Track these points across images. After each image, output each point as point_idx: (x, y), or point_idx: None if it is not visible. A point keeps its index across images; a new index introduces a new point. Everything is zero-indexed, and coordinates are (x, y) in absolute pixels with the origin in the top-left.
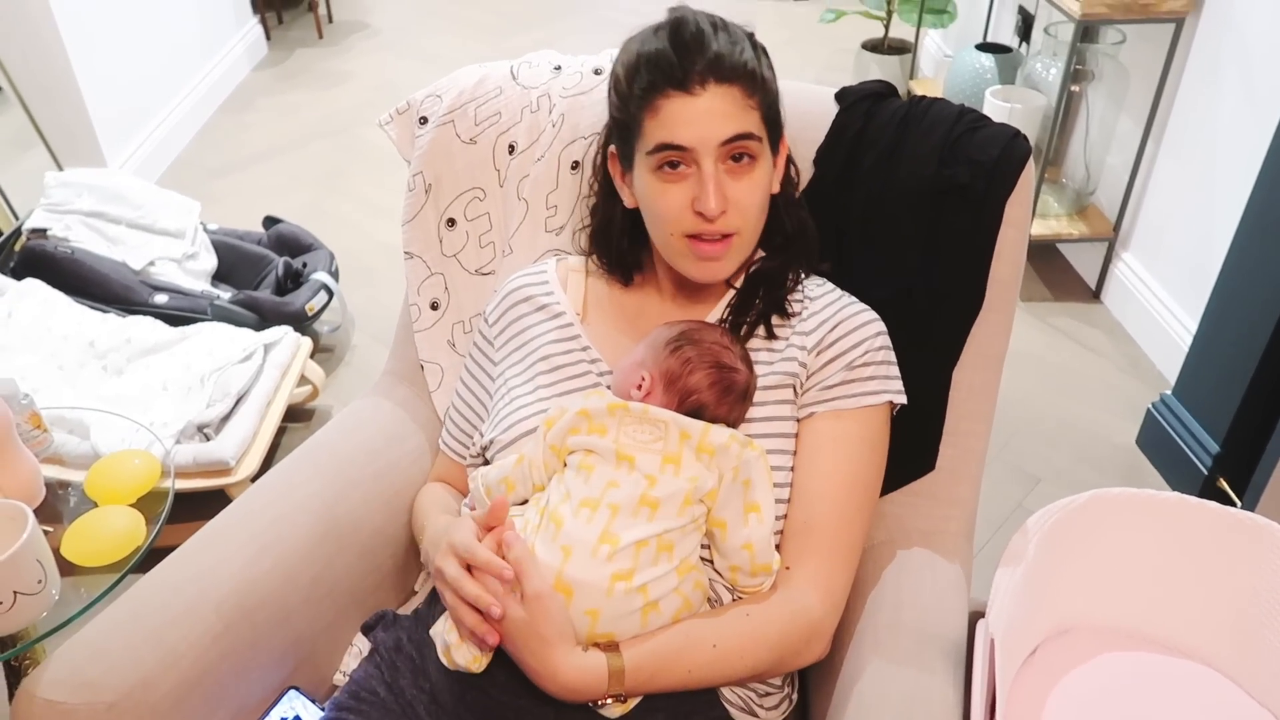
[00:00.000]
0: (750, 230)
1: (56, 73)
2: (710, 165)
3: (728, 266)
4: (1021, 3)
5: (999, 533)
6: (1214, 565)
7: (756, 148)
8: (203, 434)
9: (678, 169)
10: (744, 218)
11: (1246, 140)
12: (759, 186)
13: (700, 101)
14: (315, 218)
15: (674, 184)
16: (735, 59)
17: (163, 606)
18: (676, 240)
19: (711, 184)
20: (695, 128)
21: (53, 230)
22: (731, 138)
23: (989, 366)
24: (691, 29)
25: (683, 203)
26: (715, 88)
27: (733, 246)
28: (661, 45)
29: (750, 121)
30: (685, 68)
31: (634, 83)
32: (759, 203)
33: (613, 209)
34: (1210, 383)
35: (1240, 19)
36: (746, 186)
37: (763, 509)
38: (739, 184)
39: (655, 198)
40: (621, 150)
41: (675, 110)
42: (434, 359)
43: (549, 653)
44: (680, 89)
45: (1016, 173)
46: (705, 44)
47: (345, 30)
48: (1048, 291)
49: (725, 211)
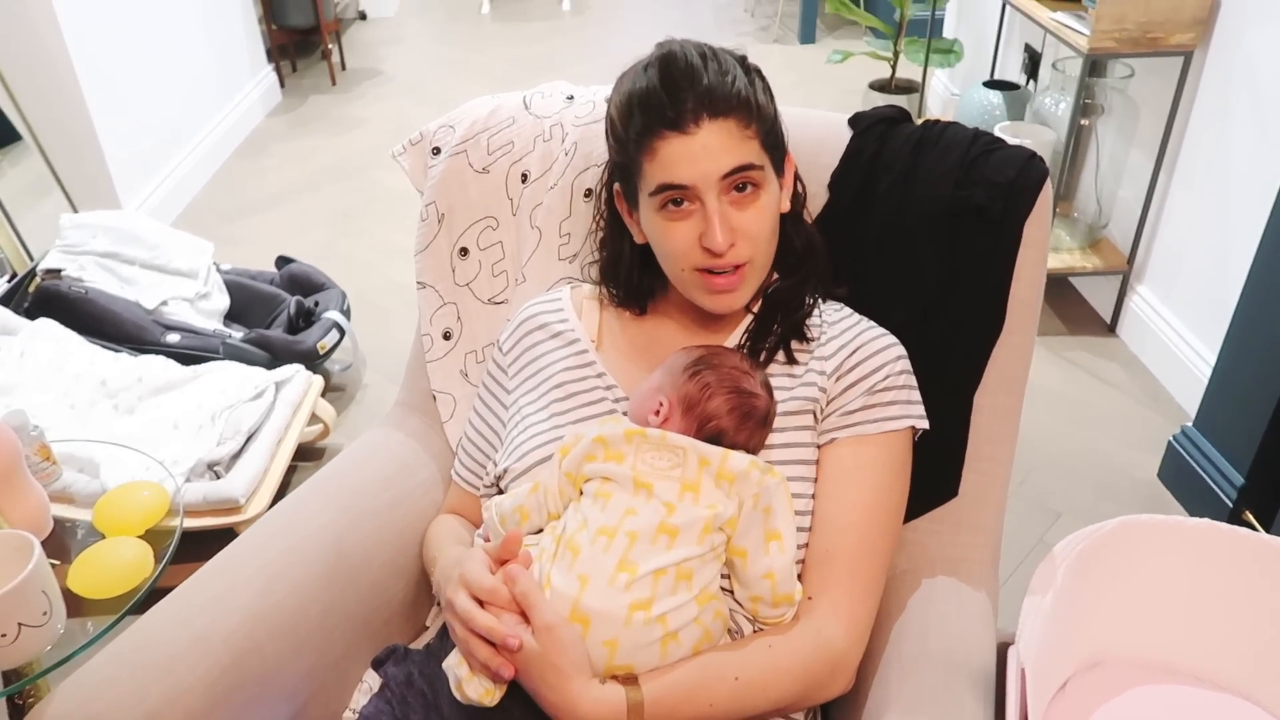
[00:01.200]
0: (762, 256)
1: (73, 117)
2: (714, 200)
3: (743, 296)
4: (1028, 41)
5: (1021, 567)
6: (1247, 594)
7: (759, 176)
8: (213, 472)
9: (681, 206)
10: (754, 246)
11: (1259, 170)
12: (766, 213)
13: (696, 139)
14: (329, 259)
15: (680, 221)
16: (727, 90)
17: (171, 639)
18: (689, 275)
19: (716, 219)
20: (694, 166)
21: (67, 270)
22: (732, 170)
23: (1011, 390)
24: (680, 64)
25: (690, 239)
26: (710, 123)
27: (746, 276)
28: (651, 84)
29: (749, 151)
30: (677, 107)
31: (629, 126)
32: (768, 229)
33: (621, 244)
34: (1232, 414)
35: (1249, 50)
36: (753, 215)
37: (784, 537)
38: (745, 214)
39: (662, 237)
40: (625, 189)
41: (672, 150)
42: (446, 389)
43: (566, 685)
44: (674, 129)
45: (1034, 193)
46: (695, 79)
47: (358, 78)
48: (1062, 326)
49: (734, 244)
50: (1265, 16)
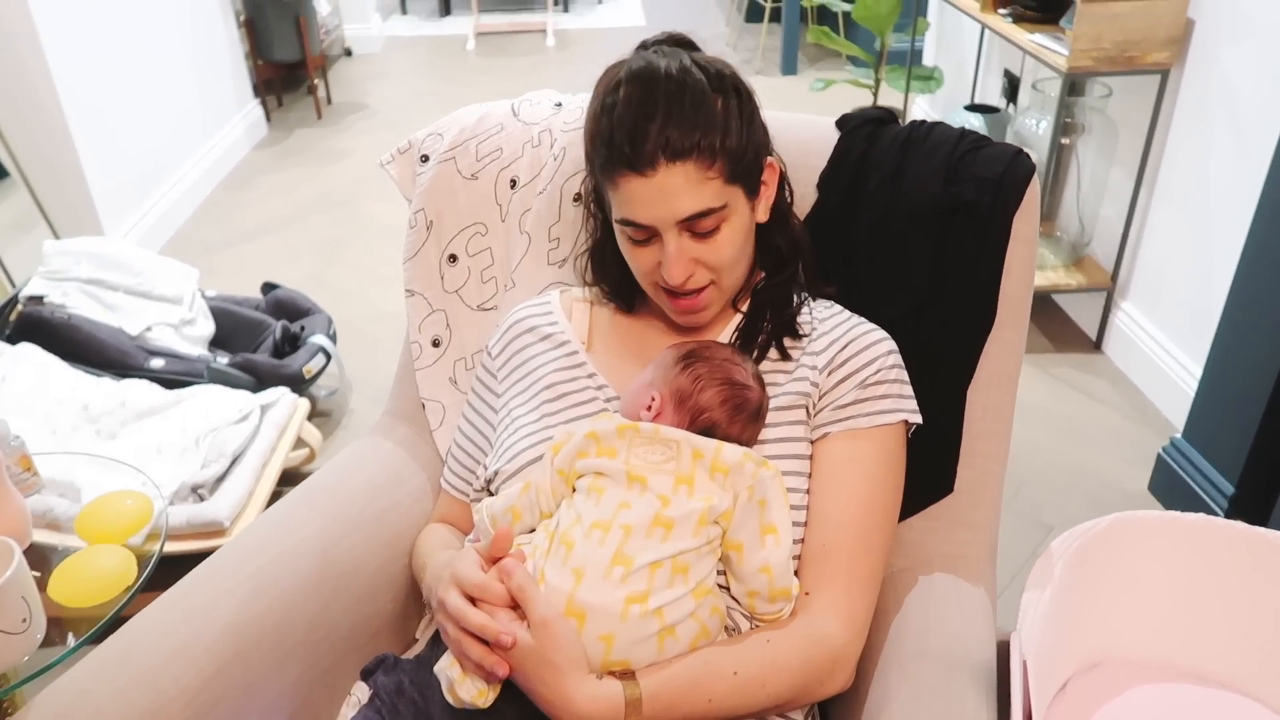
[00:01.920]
0: (728, 278)
1: (59, 150)
2: (672, 239)
3: (708, 313)
4: (1007, 66)
5: (1015, 580)
6: (1246, 589)
7: (720, 215)
8: (197, 495)
9: (644, 237)
10: (715, 271)
11: (1238, 184)
12: (728, 244)
13: (653, 182)
14: (315, 288)
15: (642, 248)
16: (686, 130)
17: (153, 649)
18: (655, 291)
19: (673, 257)
20: (651, 208)
21: (50, 296)
22: (689, 216)
23: (1003, 385)
24: (644, 90)
25: (652, 264)
26: (667, 167)
27: (707, 297)
28: (616, 121)
29: (707, 195)
30: (634, 146)
31: (595, 154)
32: (731, 256)
33: (610, 242)
34: (1220, 424)
35: (1224, 68)
36: (713, 247)
37: (780, 531)
38: (704, 245)
39: (629, 256)
40: (600, 200)
41: (632, 189)
42: (435, 397)
43: (562, 681)
44: (632, 169)
45: (1022, 188)
46: (654, 114)
47: (344, 111)
48: (1049, 343)
49: (692, 275)
50: (1238, 35)
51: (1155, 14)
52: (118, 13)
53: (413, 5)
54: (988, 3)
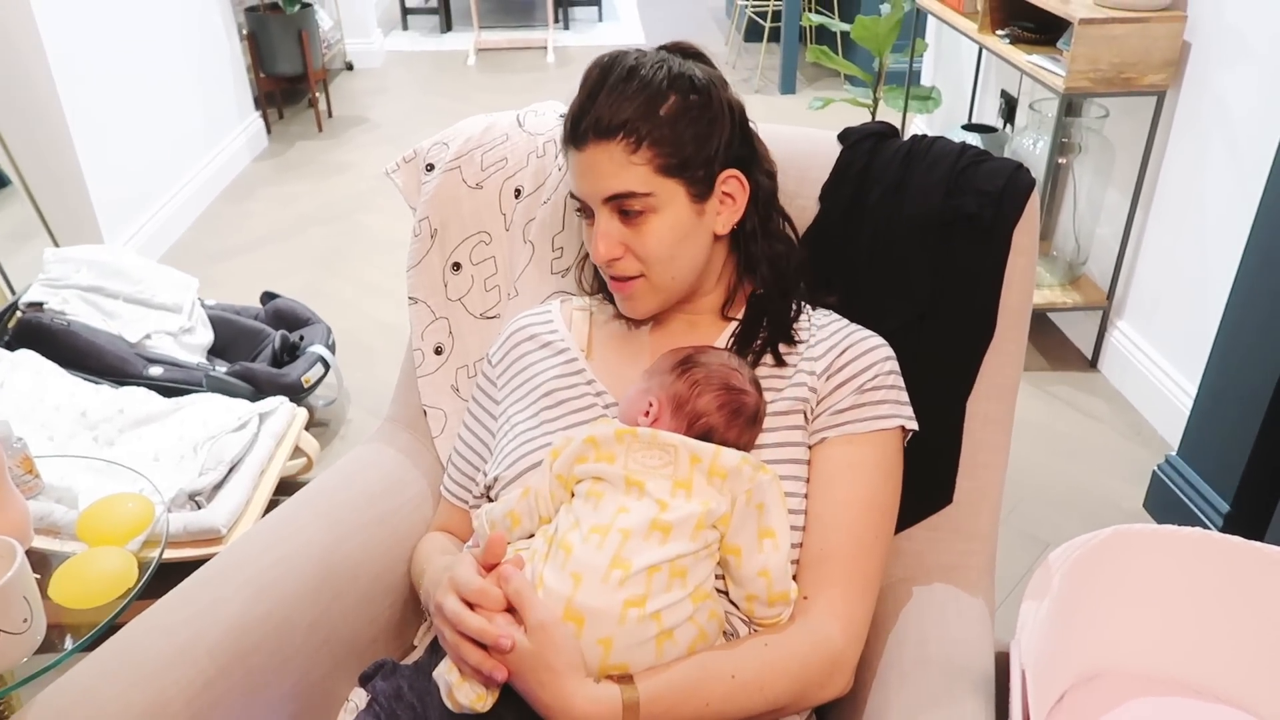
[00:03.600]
0: (659, 276)
1: (60, 157)
2: (603, 216)
3: (643, 305)
4: (1004, 86)
5: (1012, 596)
6: (1241, 602)
7: (646, 202)
8: (194, 502)
9: (588, 213)
10: (644, 264)
11: (1234, 205)
12: (657, 236)
13: (585, 156)
14: (314, 299)
15: (589, 226)
16: (615, 114)
17: (154, 650)
18: (603, 275)
19: (598, 233)
20: (581, 182)
21: (49, 303)
22: (610, 196)
23: (1003, 396)
24: (599, 76)
25: (593, 242)
26: (595, 144)
27: (638, 288)
28: (576, 95)
29: (631, 179)
30: (574, 123)
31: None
32: (663, 250)
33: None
34: (1215, 442)
35: (1219, 90)
36: (642, 234)
37: (778, 534)
38: (632, 231)
39: (584, 235)
40: None
41: (574, 163)
42: (437, 404)
43: (560, 685)
44: (572, 144)
45: (1023, 201)
46: (597, 97)
47: (345, 125)
48: (1045, 362)
49: (619, 258)
50: (1234, 58)
51: (1152, 36)
52: (121, 24)
53: (414, 21)
54: (985, 24)
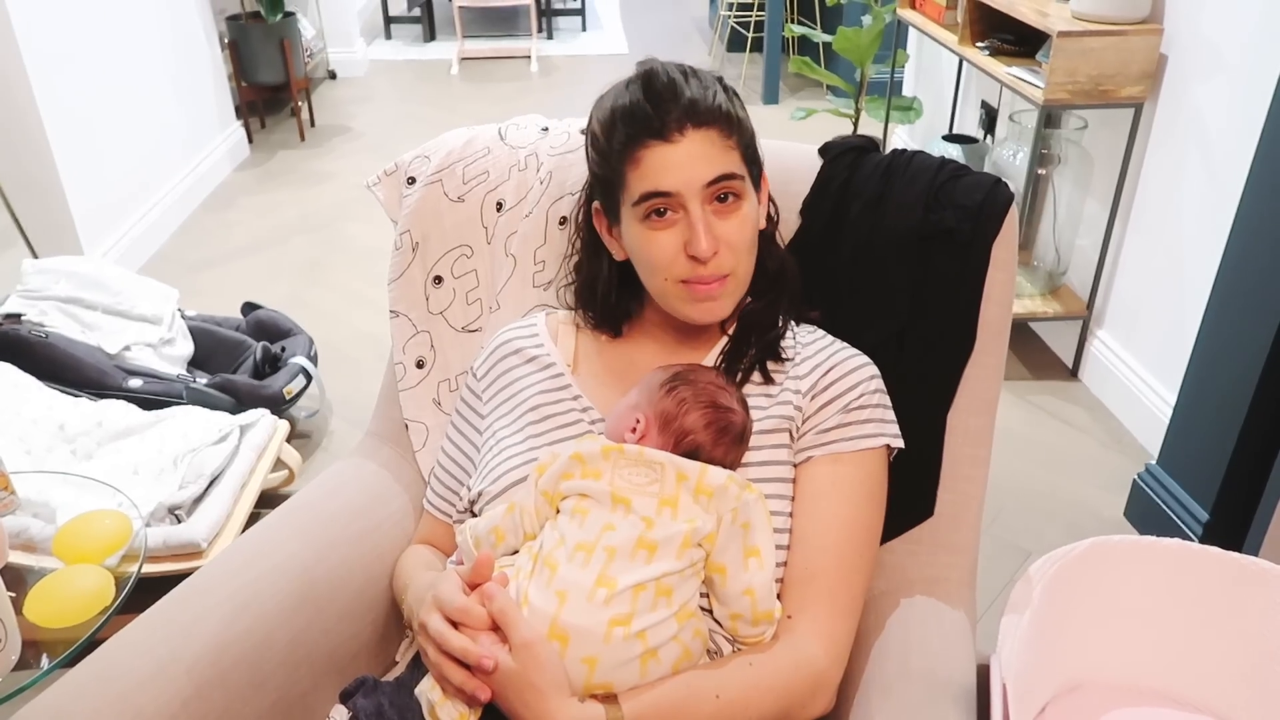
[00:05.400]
0: (743, 268)
1: (39, 166)
2: (698, 208)
3: (725, 306)
4: (984, 97)
5: (994, 606)
6: (1220, 613)
7: (740, 186)
8: (174, 516)
9: (665, 216)
10: (735, 256)
11: (1211, 215)
12: (747, 224)
13: (680, 148)
14: (296, 309)
15: (663, 230)
16: (709, 103)
17: (131, 668)
18: (672, 285)
19: (701, 226)
20: (678, 173)
21: (27, 315)
22: (715, 179)
23: (983, 410)
24: (663, 79)
25: (675, 248)
26: (693, 132)
27: (728, 286)
28: (635, 98)
29: (731, 161)
30: (661, 117)
31: (612, 138)
32: (748, 240)
33: (599, 265)
34: (1195, 451)
35: (1195, 102)
36: (735, 225)
37: (763, 553)
38: (727, 223)
39: (646, 246)
40: (606, 205)
41: (657, 159)
42: (419, 418)
43: (544, 704)
44: (659, 138)
45: (1001, 216)
46: (678, 92)
47: (327, 134)
48: (1026, 371)
49: (718, 252)
50: (1209, 71)
51: (1129, 49)
52: (101, 33)
53: (397, 30)
54: (966, 36)
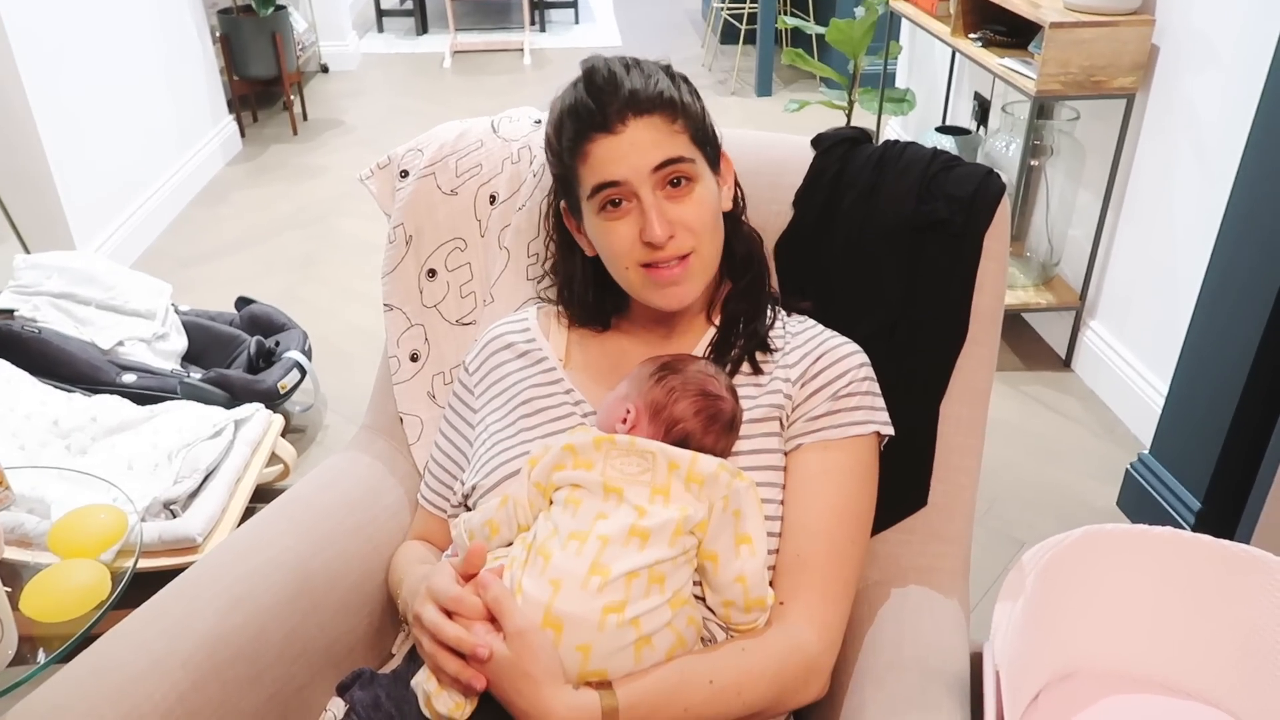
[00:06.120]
0: (706, 249)
1: (31, 162)
2: (648, 194)
3: (691, 289)
4: (977, 89)
5: (988, 596)
6: (1213, 601)
7: (691, 169)
8: (169, 511)
9: (620, 206)
10: (696, 237)
11: (1202, 205)
12: (702, 204)
13: (624, 137)
14: (289, 303)
15: (619, 220)
16: (649, 91)
17: (127, 662)
18: (634, 274)
19: (653, 212)
20: (624, 162)
21: (20, 311)
22: (662, 163)
23: (976, 400)
24: (603, 74)
25: (631, 237)
26: (635, 121)
27: (691, 267)
28: (579, 95)
29: (678, 145)
30: (603, 110)
31: (562, 136)
32: (708, 220)
33: (573, 263)
34: (1187, 441)
35: (1187, 93)
36: (690, 207)
37: (755, 541)
38: (681, 206)
39: (604, 237)
40: (570, 203)
41: (603, 151)
42: (413, 411)
43: (539, 693)
44: (603, 130)
45: (993, 206)
46: (618, 84)
47: (320, 128)
48: (1019, 362)
49: (673, 235)
50: (1201, 61)
51: (1121, 40)
52: (92, 28)
53: (390, 23)
54: (958, 27)
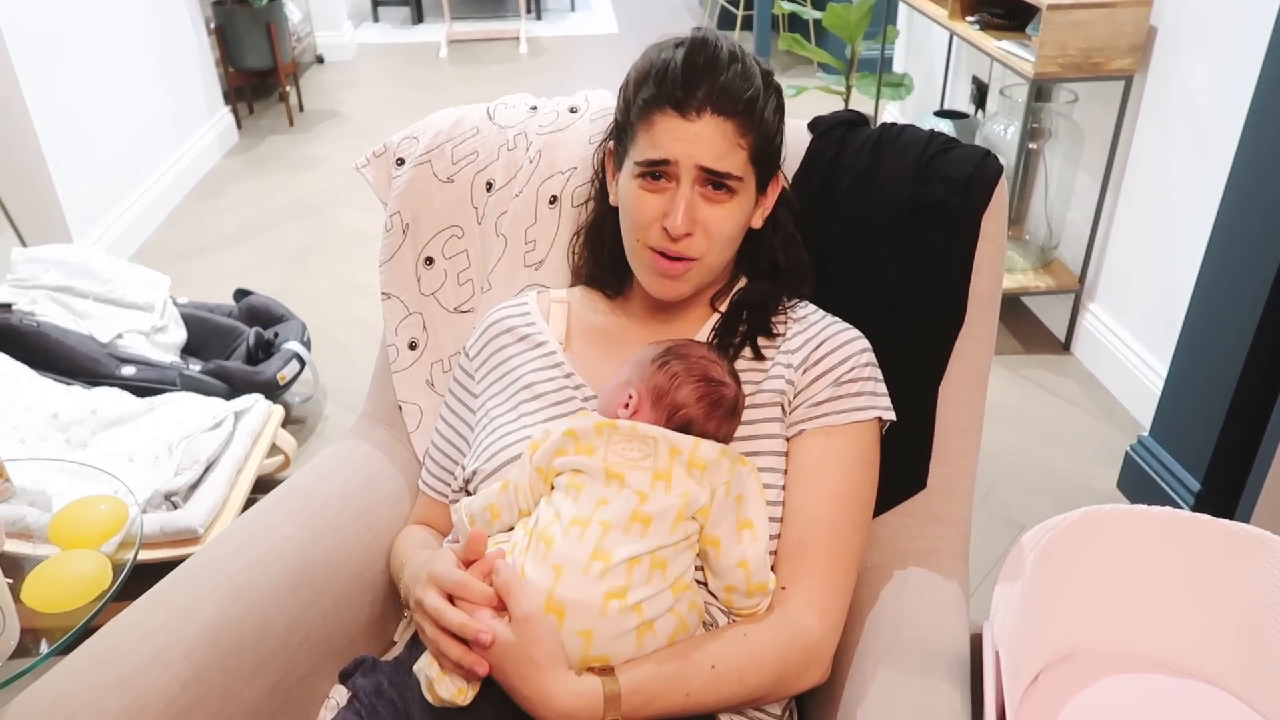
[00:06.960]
0: (713, 259)
1: (27, 155)
2: (688, 185)
3: (683, 289)
4: (975, 73)
5: (988, 579)
6: (1212, 580)
7: (736, 185)
8: (170, 502)
9: (660, 180)
10: (709, 245)
11: (1201, 187)
12: (732, 218)
13: (694, 127)
14: (287, 295)
15: (653, 194)
16: (738, 94)
17: (130, 652)
18: (641, 250)
19: (683, 204)
20: (682, 147)
21: (18, 304)
22: (711, 170)
23: (974, 382)
24: (708, 53)
25: (656, 213)
26: (710, 118)
27: (691, 271)
28: (674, 61)
29: (734, 162)
30: (687, 90)
31: (639, 91)
32: (729, 234)
33: (606, 207)
34: (1186, 422)
35: (1185, 75)
36: (720, 214)
37: (756, 526)
38: (712, 210)
39: (633, 200)
40: (617, 149)
41: (668, 128)
42: (412, 399)
43: (542, 678)
44: (677, 110)
45: (990, 188)
46: (715, 72)
47: (316, 119)
48: (1018, 345)
49: (691, 234)
50: (1198, 43)
51: (1118, 22)
52: (86, 20)
53: (385, 13)
54: (956, 11)
